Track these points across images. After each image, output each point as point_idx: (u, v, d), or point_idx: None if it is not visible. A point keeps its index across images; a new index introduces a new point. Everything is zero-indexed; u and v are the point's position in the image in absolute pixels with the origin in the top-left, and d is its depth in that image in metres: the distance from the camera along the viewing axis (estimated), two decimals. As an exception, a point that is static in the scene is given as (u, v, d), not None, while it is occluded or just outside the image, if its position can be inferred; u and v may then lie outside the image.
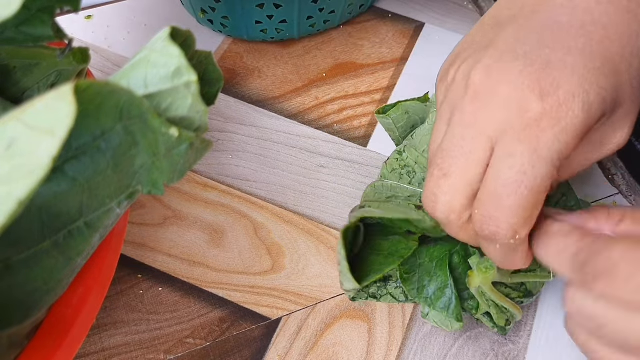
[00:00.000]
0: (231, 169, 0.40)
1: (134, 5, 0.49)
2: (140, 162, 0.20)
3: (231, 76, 0.45)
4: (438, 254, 0.31)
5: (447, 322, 0.30)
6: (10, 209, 0.14)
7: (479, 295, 0.30)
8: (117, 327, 0.33)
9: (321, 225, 0.38)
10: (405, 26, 0.49)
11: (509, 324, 0.31)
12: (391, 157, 0.34)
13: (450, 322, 0.30)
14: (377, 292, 0.32)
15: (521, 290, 0.31)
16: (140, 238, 0.37)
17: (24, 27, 0.24)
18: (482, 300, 0.30)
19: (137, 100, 0.18)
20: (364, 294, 0.32)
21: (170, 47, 0.19)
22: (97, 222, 0.21)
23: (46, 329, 0.24)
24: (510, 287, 0.31)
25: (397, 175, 0.33)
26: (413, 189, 0.32)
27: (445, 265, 0.30)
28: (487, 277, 0.29)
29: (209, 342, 0.33)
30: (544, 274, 0.30)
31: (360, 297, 0.32)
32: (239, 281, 0.35)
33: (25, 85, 0.26)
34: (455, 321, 0.30)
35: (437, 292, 0.30)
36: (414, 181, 0.32)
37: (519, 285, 0.31)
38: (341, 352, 0.33)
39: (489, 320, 0.31)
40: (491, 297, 0.30)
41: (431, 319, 0.31)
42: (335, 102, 0.44)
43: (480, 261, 0.29)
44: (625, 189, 0.40)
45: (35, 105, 0.14)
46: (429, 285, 0.31)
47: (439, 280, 0.30)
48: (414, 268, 0.31)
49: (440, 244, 0.31)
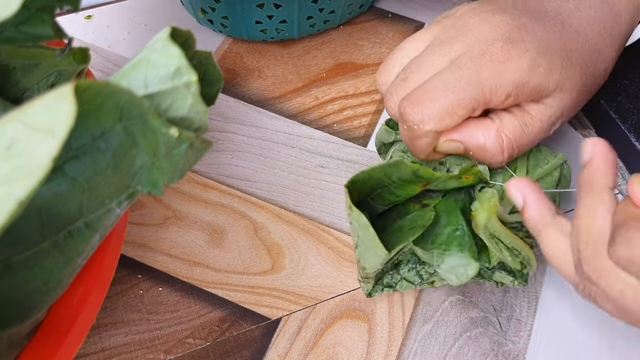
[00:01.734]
0: (231, 169, 0.40)
1: (134, 5, 0.49)
2: (140, 162, 0.20)
3: (231, 76, 0.45)
4: (445, 206, 0.32)
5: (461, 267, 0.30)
6: (10, 209, 0.14)
7: (488, 240, 0.29)
8: (117, 327, 0.33)
9: (321, 225, 0.38)
10: (405, 26, 0.49)
11: (524, 267, 0.31)
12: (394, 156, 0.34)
13: (465, 266, 0.30)
14: (391, 280, 0.33)
15: (524, 231, 0.31)
16: (140, 238, 0.37)
17: (23, 26, 0.24)
18: (493, 244, 0.30)
19: (137, 100, 0.18)
20: (379, 286, 0.32)
21: (170, 47, 0.19)
22: (97, 222, 0.21)
23: (46, 329, 0.24)
24: (513, 227, 0.31)
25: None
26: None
27: (456, 211, 0.31)
28: (492, 207, 0.29)
29: (209, 342, 0.33)
30: None
31: (375, 291, 0.32)
32: (238, 281, 0.35)
33: (25, 85, 0.26)
34: (472, 259, 0.30)
35: (451, 234, 0.31)
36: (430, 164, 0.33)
37: (520, 224, 0.31)
38: (341, 352, 0.33)
39: (506, 274, 0.31)
40: (500, 237, 0.30)
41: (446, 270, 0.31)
42: (335, 102, 0.44)
43: (480, 194, 0.30)
44: (625, 189, 0.40)
45: (35, 105, 0.14)
46: (442, 232, 0.31)
47: (451, 224, 0.31)
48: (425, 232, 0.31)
49: (445, 198, 0.32)
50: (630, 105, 0.40)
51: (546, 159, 0.33)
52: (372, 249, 0.28)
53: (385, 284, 0.32)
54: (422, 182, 0.30)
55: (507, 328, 0.34)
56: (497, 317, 0.34)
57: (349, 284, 0.35)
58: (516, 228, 0.31)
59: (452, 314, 0.34)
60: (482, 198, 0.29)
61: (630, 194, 0.24)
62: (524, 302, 0.35)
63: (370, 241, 0.27)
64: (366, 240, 0.28)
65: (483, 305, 0.35)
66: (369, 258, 0.28)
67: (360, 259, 0.29)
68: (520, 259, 0.31)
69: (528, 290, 0.35)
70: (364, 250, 0.28)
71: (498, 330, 0.34)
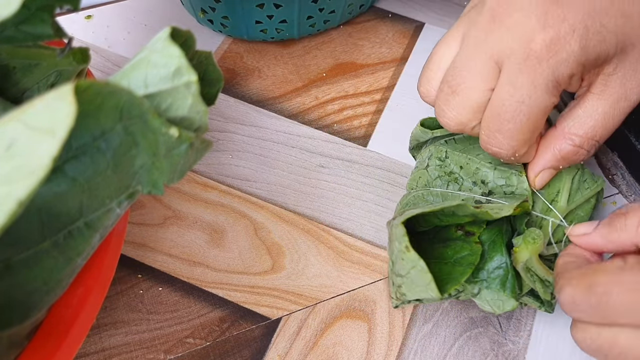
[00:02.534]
0: (231, 169, 0.40)
1: (134, 5, 0.49)
2: (140, 162, 0.20)
3: (231, 76, 0.45)
4: (488, 237, 0.31)
5: (499, 300, 0.30)
6: (10, 209, 0.14)
7: (524, 272, 0.29)
8: (117, 327, 0.33)
9: (321, 225, 0.38)
10: (405, 26, 0.49)
11: (553, 297, 0.31)
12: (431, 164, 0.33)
13: (503, 301, 0.30)
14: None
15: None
16: (140, 238, 0.37)
17: (23, 25, 0.24)
18: (527, 277, 0.29)
19: (137, 100, 0.18)
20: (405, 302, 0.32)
21: (170, 47, 0.19)
22: (97, 222, 0.21)
23: (46, 329, 0.24)
24: (548, 259, 0.31)
25: (443, 182, 0.33)
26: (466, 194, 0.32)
27: (500, 244, 0.30)
28: (536, 248, 0.29)
29: (209, 342, 0.33)
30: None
31: (404, 303, 0.32)
32: (239, 281, 0.35)
33: (25, 85, 0.26)
34: (512, 298, 0.29)
35: (493, 271, 0.30)
36: (463, 188, 0.32)
37: (554, 256, 0.31)
38: (341, 352, 0.33)
39: (534, 300, 0.31)
40: (537, 272, 0.29)
41: (482, 299, 0.30)
42: (335, 102, 0.44)
43: (526, 233, 0.29)
44: (625, 189, 0.40)
45: (35, 105, 0.14)
46: (484, 268, 0.30)
47: (493, 259, 0.30)
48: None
49: (488, 228, 0.31)
50: (630, 105, 0.40)
51: (587, 182, 0.32)
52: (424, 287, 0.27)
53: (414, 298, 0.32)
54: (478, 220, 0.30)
55: (507, 328, 0.34)
56: (497, 317, 0.34)
57: (349, 284, 0.35)
58: (550, 260, 0.31)
59: (452, 313, 0.34)
60: (528, 237, 0.29)
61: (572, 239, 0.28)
62: (524, 302, 0.35)
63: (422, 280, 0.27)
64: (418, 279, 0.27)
65: (483, 305, 0.35)
66: (416, 290, 0.28)
67: (402, 285, 0.29)
68: (551, 290, 0.30)
69: (528, 290, 0.35)
70: (410, 282, 0.28)
71: (498, 330, 0.34)
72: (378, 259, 0.36)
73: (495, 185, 0.31)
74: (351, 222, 0.38)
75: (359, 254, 0.36)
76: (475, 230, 0.31)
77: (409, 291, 0.29)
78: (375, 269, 0.36)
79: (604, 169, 0.41)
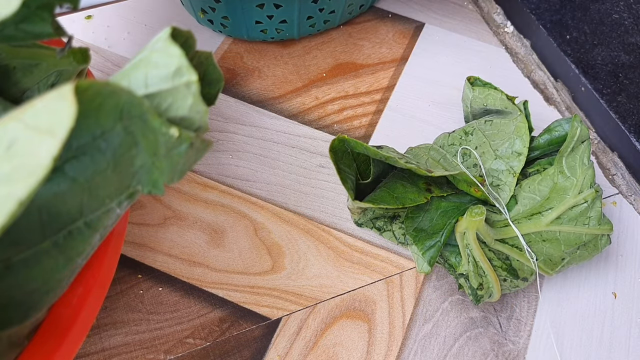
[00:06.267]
0: (231, 169, 0.40)
1: (134, 5, 0.49)
2: (140, 162, 0.20)
3: (231, 76, 0.45)
4: (445, 206, 0.33)
5: (420, 260, 0.32)
6: (10, 209, 0.14)
7: (462, 247, 0.31)
8: (117, 327, 0.33)
9: (321, 225, 0.38)
10: (405, 26, 0.49)
11: (481, 289, 0.32)
12: (457, 132, 0.36)
13: (422, 263, 0.32)
14: (382, 226, 0.35)
15: (505, 262, 0.32)
16: (140, 238, 0.37)
17: (23, 24, 0.24)
18: (464, 253, 0.32)
19: (137, 100, 0.18)
20: (371, 223, 0.35)
21: (170, 47, 0.19)
22: (97, 222, 0.21)
23: (46, 329, 0.24)
24: (493, 252, 0.32)
25: (453, 151, 0.35)
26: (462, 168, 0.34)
27: (447, 215, 0.33)
28: (473, 222, 0.31)
29: (209, 342, 0.33)
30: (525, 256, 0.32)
31: (366, 225, 0.36)
32: (239, 281, 0.35)
33: (25, 85, 0.26)
34: (427, 264, 0.32)
35: (429, 232, 0.33)
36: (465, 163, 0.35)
37: (503, 256, 0.32)
38: (341, 352, 0.33)
39: (465, 282, 0.33)
40: (472, 252, 0.31)
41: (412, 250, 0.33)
42: (335, 102, 0.44)
43: (472, 208, 0.31)
44: (625, 189, 0.40)
45: (35, 105, 0.14)
46: (426, 227, 0.33)
47: (436, 225, 0.33)
48: (421, 212, 0.33)
49: (449, 199, 0.33)
50: (630, 105, 0.40)
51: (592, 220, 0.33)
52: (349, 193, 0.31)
53: (376, 226, 0.36)
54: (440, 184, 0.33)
55: (507, 328, 0.34)
56: (497, 317, 0.34)
57: (349, 284, 0.35)
58: (495, 256, 0.32)
59: (452, 314, 0.34)
60: (470, 212, 0.31)
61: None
62: (524, 302, 0.35)
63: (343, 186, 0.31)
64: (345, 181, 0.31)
65: (483, 305, 0.35)
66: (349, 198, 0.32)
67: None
68: (480, 281, 0.32)
69: (528, 290, 0.35)
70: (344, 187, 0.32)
71: (498, 330, 0.34)
72: (378, 259, 0.36)
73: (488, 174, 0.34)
74: (351, 222, 0.38)
75: (359, 254, 0.36)
76: (436, 192, 0.33)
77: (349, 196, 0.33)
78: (375, 269, 0.36)
79: (603, 169, 0.41)
